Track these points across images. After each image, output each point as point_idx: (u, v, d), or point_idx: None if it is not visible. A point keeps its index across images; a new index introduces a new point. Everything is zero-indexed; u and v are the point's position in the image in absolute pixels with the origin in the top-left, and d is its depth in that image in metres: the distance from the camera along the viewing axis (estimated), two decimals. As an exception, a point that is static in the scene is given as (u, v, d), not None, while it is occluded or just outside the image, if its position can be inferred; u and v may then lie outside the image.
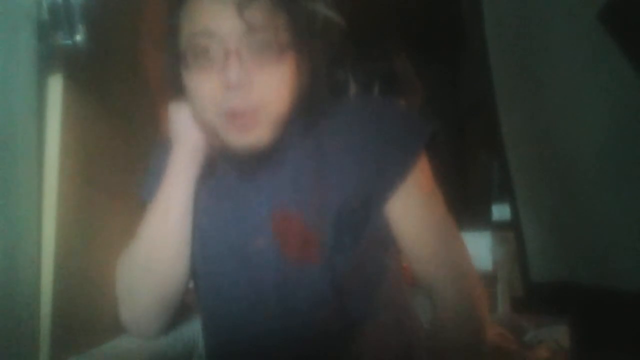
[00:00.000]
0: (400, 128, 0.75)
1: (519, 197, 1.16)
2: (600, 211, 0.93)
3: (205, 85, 0.66)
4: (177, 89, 0.71)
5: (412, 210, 0.74)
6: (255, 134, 0.67)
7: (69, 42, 0.72)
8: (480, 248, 1.67)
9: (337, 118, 0.74)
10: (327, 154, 0.73)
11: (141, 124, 0.95)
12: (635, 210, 0.86)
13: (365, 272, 0.73)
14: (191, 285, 0.81)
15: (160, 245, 0.74)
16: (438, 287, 0.72)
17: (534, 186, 1.12)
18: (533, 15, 1.03)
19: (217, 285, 0.76)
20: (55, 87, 0.74)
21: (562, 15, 0.95)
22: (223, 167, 0.76)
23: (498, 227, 1.66)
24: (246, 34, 0.64)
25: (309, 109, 0.71)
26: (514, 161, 1.16)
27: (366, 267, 0.73)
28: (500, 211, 1.73)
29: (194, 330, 0.88)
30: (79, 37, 0.73)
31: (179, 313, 0.80)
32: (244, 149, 0.68)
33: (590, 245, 0.97)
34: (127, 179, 0.87)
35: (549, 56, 0.99)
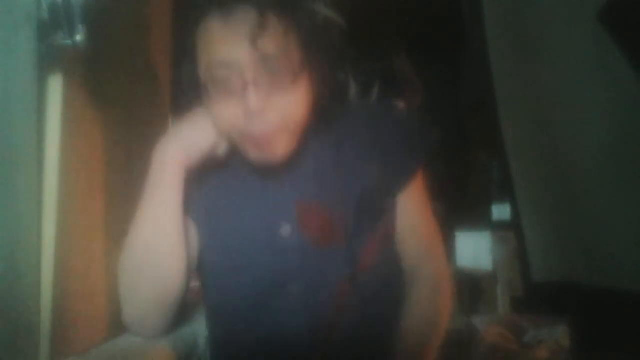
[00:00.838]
0: (411, 133, 0.85)
1: (519, 197, 1.16)
2: (600, 211, 0.94)
3: (226, 112, 0.71)
4: (192, 107, 0.76)
5: (413, 205, 0.84)
6: (275, 151, 0.72)
7: (69, 42, 0.72)
8: (480, 248, 1.67)
9: (355, 121, 0.83)
10: (345, 152, 0.80)
11: (141, 124, 0.95)
12: (635, 210, 0.86)
13: (377, 259, 0.79)
14: (191, 285, 0.81)
15: (152, 244, 0.75)
16: (421, 267, 0.84)
17: (534, 186, 1.12)
18: (533, 15, 1.03)
19: (235, 277, 0.78)
20: (55, 87, 0.74)
21: (562, 15, 0.95)
22: (244, 168, 0.78)
23: (498, 227, 1.66)
24: (261, 62, 0.67)
25: (324, 115, 0.77)
26: (514, 161, 1.16)
27: (378, 254, 0.79)
28: (500, 211, 1.73)
29: (194, 330, 0.88)
30: (79, 37, 0.72)
31: (181, 313, 0.80)
32: (265, 162, 0.74)
33: (590, 245, 0.97)
34: (128, 178, 0.87)
35: (549, 56, 0.99)
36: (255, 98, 0.67)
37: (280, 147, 0.72)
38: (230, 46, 0.68)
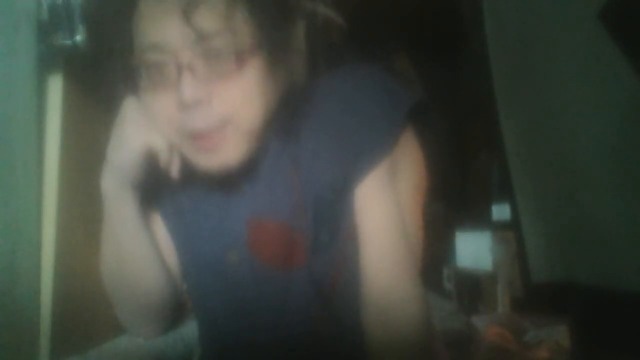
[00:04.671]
0: (374, 105, 0.66)
1: (519, 197, 1.17)
2: (600, 211, 0.94)
3: (161, 106, 0.60)
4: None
5: (377, 201, 0.65)
6: (225, 154, 0.60)
7: (69, 42, 0.72)
8: (480, 248, 1.67)
9: (311, 102, 0.66)
10: (301, 144, 0.66)
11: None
12: (636, 210, 0.86)
13: (347, 274, 0.66)
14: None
15: (120, 258, 0.70)
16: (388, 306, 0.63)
17: (534, 186, 1.12)
18: (533, 15, 1.03)
19: (204, 300, 0.73)
20: (55, 87, 0.74)
21: (562, 15, 0.95)
22: (203, 178, 0.67)
23: (498, 227, 1.66)
24: (197, 43, 0.57)
25: (290, 115, 0.64)
26: (514, 161, 1.16)
27: (347, 268, 0.66)
28: (500, 211, 1.73)
29: (194, 330, 0.88)
30: (79, 37, 0.73)
31: (177, 313, 0.80)
32: (214, 170, 0.61)
33: (590, 245, 0.98)
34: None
35: (549, 56, 0.99)
36: (189, 86, 0.56)
37: (231, 150, 0.60)
38: (162, 25, 0.57)
